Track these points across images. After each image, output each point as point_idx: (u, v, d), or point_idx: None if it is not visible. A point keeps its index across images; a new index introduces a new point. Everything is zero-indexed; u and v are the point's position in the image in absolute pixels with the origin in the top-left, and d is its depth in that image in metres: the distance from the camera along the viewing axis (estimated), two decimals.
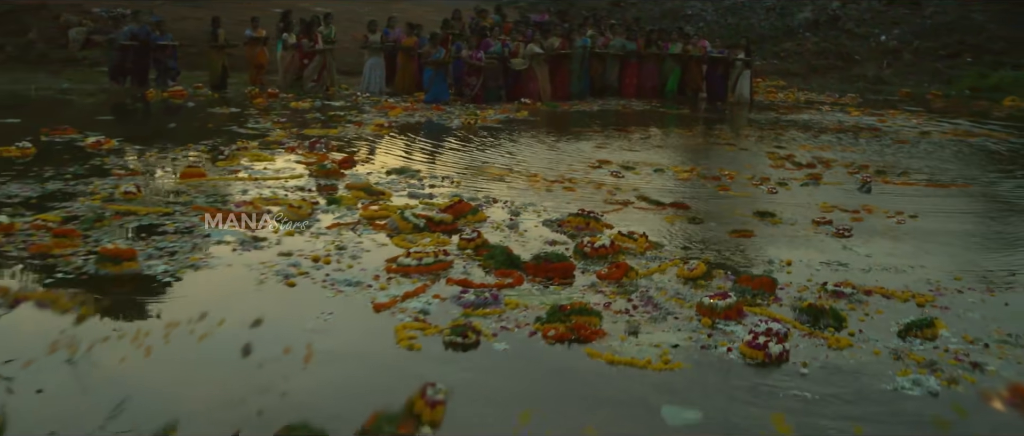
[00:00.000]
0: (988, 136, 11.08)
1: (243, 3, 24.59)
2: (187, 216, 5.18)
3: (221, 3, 24.32)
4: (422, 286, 3.96)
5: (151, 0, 22.10)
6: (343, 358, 3.19)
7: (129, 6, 20.42)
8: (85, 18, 18.51)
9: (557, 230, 5.15)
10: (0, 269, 4.07)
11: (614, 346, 3.37)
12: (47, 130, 8.26)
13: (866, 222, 5.76)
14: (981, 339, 3.64)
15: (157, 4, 22.03)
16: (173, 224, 4.97)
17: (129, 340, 3.23)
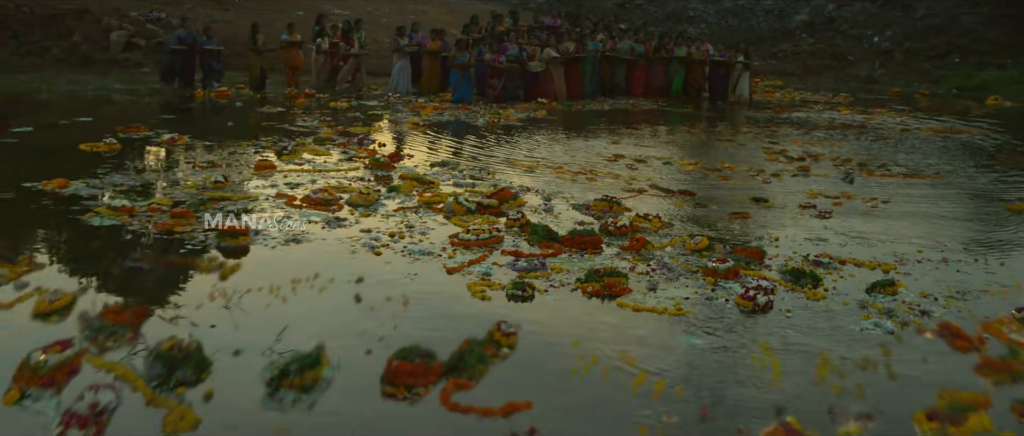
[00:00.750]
0: (973, 133, 11.92)
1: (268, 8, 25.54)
2: (273, 201, 6.08)
3: (249, 8, 25.27)
4: (482, 256, 4.85)
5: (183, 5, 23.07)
6: (433, 305, 4.09)
7: (164, 10, 21.38)
8: (125, 22, 19.41)
9: (585, 213, 6.05)
10: (140, 242, 4.97)
11: (638, 298, 4.26)
12: (122, 128, 9.16)
13: (845, 206, 6.66)
14: (932, 295, 4.51)
15: (188, 8, 22.97)
16: (264, 207, 5.88)
17: (266, 292, 4.13)
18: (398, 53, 14.30)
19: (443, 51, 14.03)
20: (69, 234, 5.17)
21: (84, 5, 19.83)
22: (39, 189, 6.22)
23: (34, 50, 17.48)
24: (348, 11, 28.16)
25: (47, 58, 17.28)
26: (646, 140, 10.40)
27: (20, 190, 6.20)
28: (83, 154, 7.82)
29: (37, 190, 6.20)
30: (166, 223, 5.30)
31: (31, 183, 6.37)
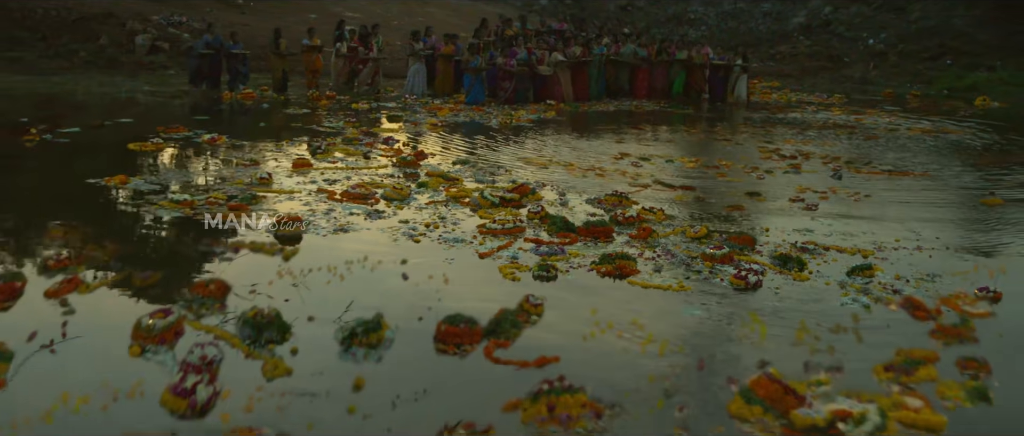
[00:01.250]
0: (963, 133, 12.52)
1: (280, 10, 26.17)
2: (314, 196, 6.71)
3: (262, 10, 25.92)
4: (508, 242, 5.48)
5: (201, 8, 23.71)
6: (469, 282, 4.71)
7: (185, 14, 22.03)
8: (148, 26, 20.05)
9: (597, 206, 6.67)
10: (204, 231, 5.60)
11: (645, 278, 4.89)
12: (163, 129, 9.79)
13: (831, 200, 7.28)
14: (905, 277, 5.12)
15: (206, 11, 23.61)
16: (307, 201, 6.51)
17: (325, 272, 4.75)
18: (413, 57, 14.92)
19: (456, 55, 14.64)
20: (143, 223, 5.79)
21: (108, 9, 20.50)
22: (103, 185, 6.85)
23: (62, 53, 18.11)
24: (359, 14, 28.83)
25: (75, 61, 17.90)
26: (649, 139, 11.03)
27: (87, 186, 6.83)
28: (133, 152, 8.45)
29: (101, 186, 6.83)
30: (226, 214, 5.93)
31: (94, 179, 7.00)
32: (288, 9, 26.91)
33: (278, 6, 26.78)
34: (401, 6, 30.90)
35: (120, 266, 4.70)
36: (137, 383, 3.27)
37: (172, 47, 19.12)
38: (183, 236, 5.48)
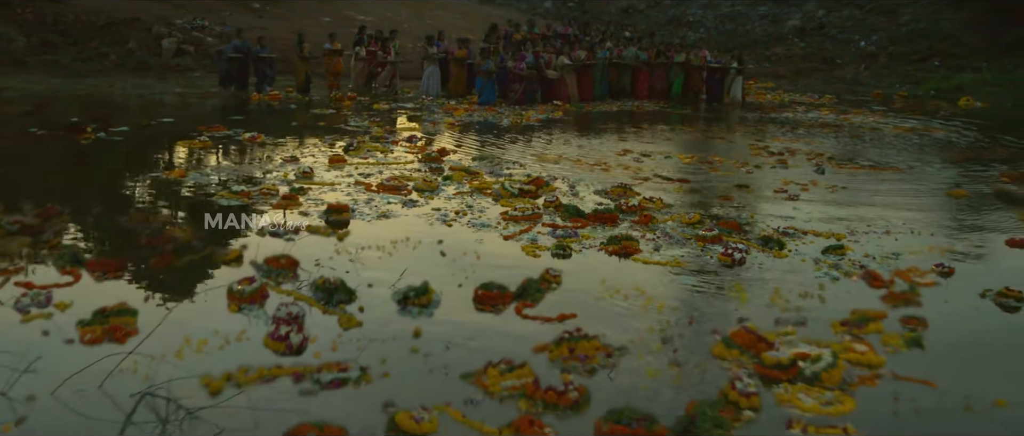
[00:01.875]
0: (948, 131, 13.27)
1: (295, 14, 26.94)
2: (353, 188, 7.50)
3: (278, 14, 26.69)
4: (528, 227, 6.27)
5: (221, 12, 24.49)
6: (497, 259, 5.50)
7: (206, 18, 22.82)
8: (173, 30, 20.85)
9: (604, 196, 7.45)
10: (263, 218, 6.39)
11: (646, 255, 5.67)
12: (204, 128, 10.58)
13: (811, 191, 8.06)
14: (872, 256, 5.89)
15: (225, 15, 24.41)
16: (348, 192, 7.30)
17: (375, 250, 5.54)
18: (428, 60, 15.70)
19: (468, 58, 15.42)
20: (209, 210, 6.59)
21: (135, 14, 21.28)
22: (164, 178, 7.65)
23: (94, 56, 18.89)
24: (371, 17, 29.62)
25: (106, 63, 18.66)
26: (649, 137, 11.82)
27: (155, 179, 7.63)
28: (183, 149, 9.25)
29: (163, 179, 7.63)
30: (280, 204, 6.73)
31: (154, 173, 7.79)
32: (303, 12, 27.70)
33: (293, 9, 27.58)
34: (410, 10, 31.67)
35: (201, 245, 5.50)
36: (242, 331, 4.07)
37: (197, 50, 19.93)
38: (246, 221, 6.26)
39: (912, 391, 3.65)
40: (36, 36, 18.90)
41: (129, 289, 4.66)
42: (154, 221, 6.06)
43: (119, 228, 5.97)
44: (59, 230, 5.69)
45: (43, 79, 16.03)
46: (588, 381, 3.63)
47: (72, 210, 6.36)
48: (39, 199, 6.35)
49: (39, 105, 12.20)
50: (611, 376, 3.72)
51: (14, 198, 6.40)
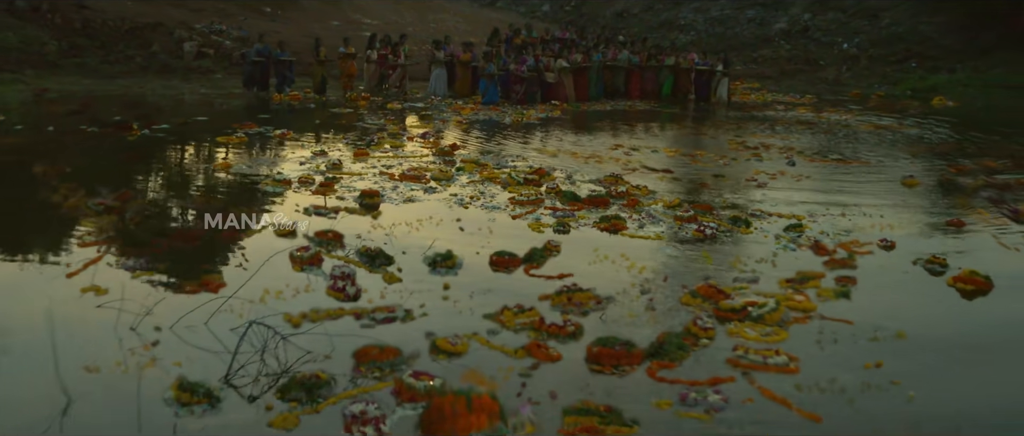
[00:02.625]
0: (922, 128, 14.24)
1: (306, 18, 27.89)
2: (379, 177, 8.47)
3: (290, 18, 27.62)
4: (532, 209, 7.25)
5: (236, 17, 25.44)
6: (508, 233, 6.47)
7: (224, 23, 23.77)
8: (193, 33, 21.80)
9: (597, 184, 8.43)
10: (305, 203, 7.36)
11: (633, 231, 6.66)
12: (237, 125, 11.53)
13: (779, 180, 9.05)
14: (826, 233, 6.87)
15: (241, 19, 25.36)
16: (375, 180, 8.27)
17: (404, 226, 6.52)
18: (435, 63, 16.67)
19: (473, 61, 16.39)
20: (257, 195, 7.56)
21: (157, 19, 22.23)
22: (213, 169, 8.62)
23: (120, 59, 19.80)
24: (377, 20, 30.57)
25: (131, 66, 19.57)
26: (640, 134, 12.79)
27: (205, 169, 8.60)
28: (222, 144, 10.22)
29: (213, 169, 8.60)
30: (319, 189, 7.70)
31: (204, 164, 8.76)
32: (313, 16, 28.66)
33: (304, 13, 28.54)
34: (415, 13, 32.62)
35: (260, 222, 6.48)
36: (307, 285, 5.05)
37: (216, 53, 20.88)
38: (290, 205, 7.24)
39: (834, 327, 4.63)
40: (66, 40, 19.80)
41: (209, 255, 5.64)
42: (215, 202, 7.04)
43: (186, 208, 6.95)
44: (139, 210, 6.67)
45: (76, 80, 16.95)
46: (582, 320, 4.61)
47: (143, 194, 7.34)
48: (112, 186, 7.31)
49: (83, 105, 13.14)
50: (602, 317, 4.70)
51: (91, 185, 7.36)
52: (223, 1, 26.70)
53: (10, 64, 17.45)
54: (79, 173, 8.21)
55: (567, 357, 4.12)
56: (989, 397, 3.91)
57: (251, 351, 3.89)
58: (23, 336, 4.19)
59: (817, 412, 3.58)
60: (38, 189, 7.55)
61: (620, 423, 3.43)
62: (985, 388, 4.02)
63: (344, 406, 3.40)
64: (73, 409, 3.40)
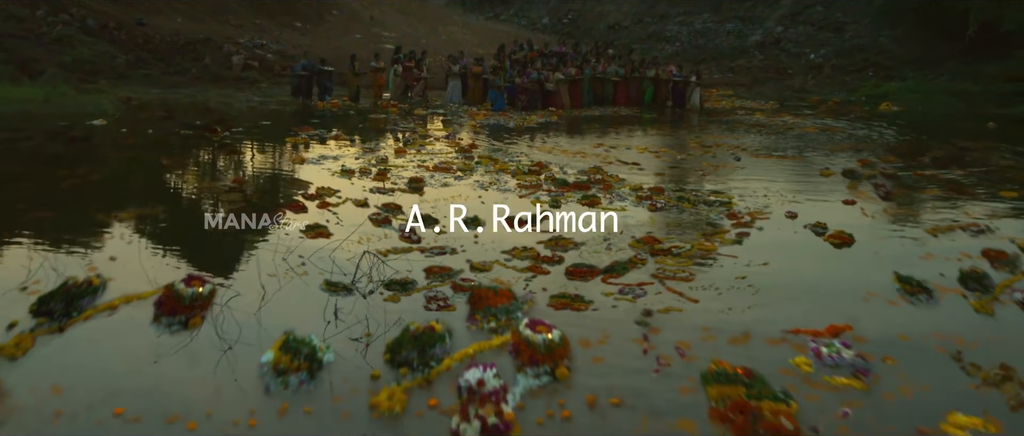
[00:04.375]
0: (870, 130, 16.65)
1: (332, 32, 30.30)
2: (418, 169, 10.90)
3: (319, 33, 30.04)
4: (534, 190, 9.70)
5: (272, 32, 27.89)
6: (515, 207, 8.90)
7: (264, 37, 26.21)
8: (239, 47, 24.25)
9: (581, 173, 10.86)
10: (369, 186, 9.79)
11: (605, 206, 9.10)
12: (296, 128, 13.97)
13: (722, 171, 11.48)
14: (750, 208, 9.28)
15: (277, 34, 27.82)
16: (417, 171, 10.70)
17: (444, 201, 8.97)
18: (451, 75, 19.10)
19: (483, 73, 18.82)
20: (333, 179, 10.00)
21: (207, 35, 24.69)
22: (292, 161, 11.06)
23: (178, 70, 22.23)
24: (394, 33, 33.01)
25: (188, 76, 21.99)
26: (621, 135, 15.22)
27: (292, 166, 11.05)
28: (291, 144, 12.66)
29: (292, 161, 11.04)
30: (377, 177, 10.15)
31: (285, 159, 11.20)
32: (339, 30, 31.12)
33: (331, 28, 30.99)
34: (427, 27, 35.07)
35: (341, 199, 8.93)
36: (385, 234, 7.51)
37: (260, 65, 23.33)
38: (358, 187, 9.68)
39: (725, 261, 7.08)
40: (131, 54, 22.23)
41: (314, 217, 8.10)
42: (304, 185, 9.50)
43: (287, 188, 9.42)
44: (254, 189, 9.14)
45: (145, 90, 19.36)
46: (564, 254, 7.06)
47: (252, 180, 9.80)
48: (224, 174, 9.76)
49: (168, 111, 15.59)
50: (578, 255, 7.14)
51: (210, 173, 9.81)
52: (260, 17, 29.21)
53: (87, 76, 19.89)
54: (198, 165, 10.67)
55: (553, 272, 6.58)
56: (806, 313, 6.36)
57: (363, 271, 6.35)
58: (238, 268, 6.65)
59: (696, 297, 6.04)
60: (171, 177, 10.02)
61: (582, 302, 5.89)
62: (805, 307, 6.47)
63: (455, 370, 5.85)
64: (275, 295, 5.86)
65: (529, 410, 4.33)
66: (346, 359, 4.84)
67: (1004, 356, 5.17)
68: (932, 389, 4.72)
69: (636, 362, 4.97)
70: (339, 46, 27.41)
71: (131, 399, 4.26)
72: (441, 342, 4.98)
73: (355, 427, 4.10)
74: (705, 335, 5.37)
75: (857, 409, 4.45)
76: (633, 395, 4.53)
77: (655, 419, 4.29)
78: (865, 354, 5.09)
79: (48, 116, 14.40)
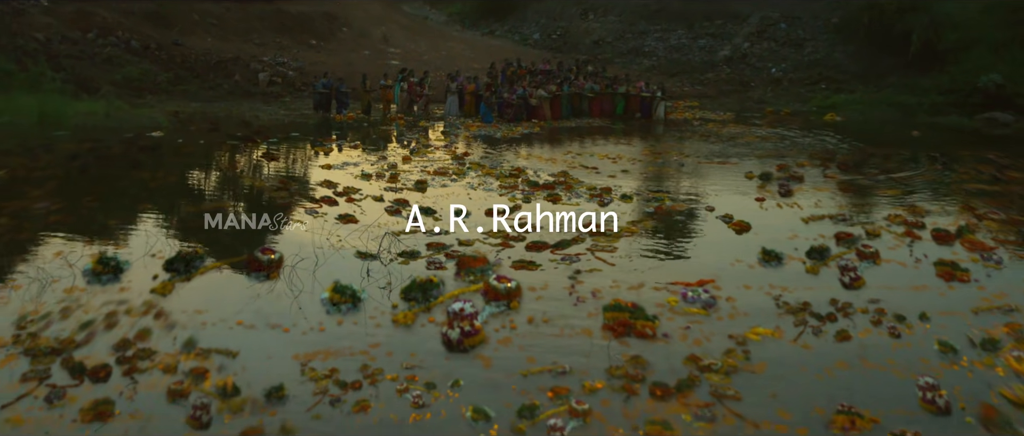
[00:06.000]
0: (815, 138, 19.04)
1: (343, 48, 32.70)
2: (422, 172, 13.33)
3: (330, 49, 32.43)
4: (512, 190, 12.14)
5: (291, 50, 30.31)
6: (497, 201, 11.34)
7: (285, 56, 28.64)
8: (265, 65, 26.66)
9: (549, 175, 13.30)
10: (384, 185, 12.23)
11: (565, 202, 11.54)
12: (322, 138, 16.39)
13: (663, 172, 13.92)
14: (679, 201, 11.72)
15: (295, 52, 30.25)
16: (421, 175, 13.14)
17: (444, 197, 11.41)
18: (450, 91, 21.52)
19: (477, 90, 21.24)
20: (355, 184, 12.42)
21: (235, 54, 27.13)
22: (321, 166, 13.50)
23: (211, 86, 24.60)
24: (399, 49, 35.40)
25: (221, 91, 24.34)
26: (589, 144, 17.66)
27: (322, 169, 13.50)
28: (318, 151, 15.12)
29: (322, 166, 13.48)
30: (389, 181, 12.58)
31: (317, 163, 13.66)
32: (350, 47, 33.52)
33: (342, 45, 33.40)
34: (429, 43, 37.45)
35: (363, 196, 11.36)
36: (397, 221, 9.96)
37: (283, 81, 25.75)
38: (376, 186, 12.11)
39: (644, 240, 9.52)
40: (171, 71, 24.63)
41: (344, 209, 10.51)
42: (335, 184, 11.94)
43: (321, 187, 11.87)
44: (297, 189, 11.61)
45: (186, 104, 21.74)
46: (529, 232, 9.50)
47: (293, 180, 12.27)
48: (272, 176, 12.18)
49: (213, 123, 18.03)
50: (537, 231, 9.58)
51: (259, 176, 12.24)
52: (280, 37, 31.64)
53: (136, 92, 22.31)
54: (253, 168, 13.13)
55: (517, 247, 9.03)
56: (688, 273, 8.79)
57: (383, 246, 8.79)
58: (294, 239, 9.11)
59: (614, 262, 8.49)
60: (231, 179, 12.46)
61: (534, 265, 8.34)
62: (689, 269, 8.90)
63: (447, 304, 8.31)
64: (324, 260, 8.30)
65: (491, 324, 6.78)
66: (375, 298, 7.28)
67: (809, 297, 7.62)
68: (751, 315, 7.17)
69: (564, 300, 7.42)
70: (349, 62, 29.83)
71: (245, 316, 6.71)
72: (437, 287, 7.43)
73: (383, 332, 6.55)
74: (613, 285, 7.82)
75: (697, 324, 6.90)
76: (558, 317, 6.98)
77: (569, 329, 6.74)
78: (716, 296, 7.53)
79: (114, 128, 16.81)
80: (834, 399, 5.59)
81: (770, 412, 5.41)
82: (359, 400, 5.42)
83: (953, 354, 6.45)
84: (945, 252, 9.28)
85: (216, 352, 5.97)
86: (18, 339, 6.05)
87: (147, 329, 6.35)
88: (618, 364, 6.06)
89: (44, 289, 7.11)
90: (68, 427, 4.93)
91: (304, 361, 5.91)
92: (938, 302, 7.62)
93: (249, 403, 5.25)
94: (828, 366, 6.19)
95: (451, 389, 5.60)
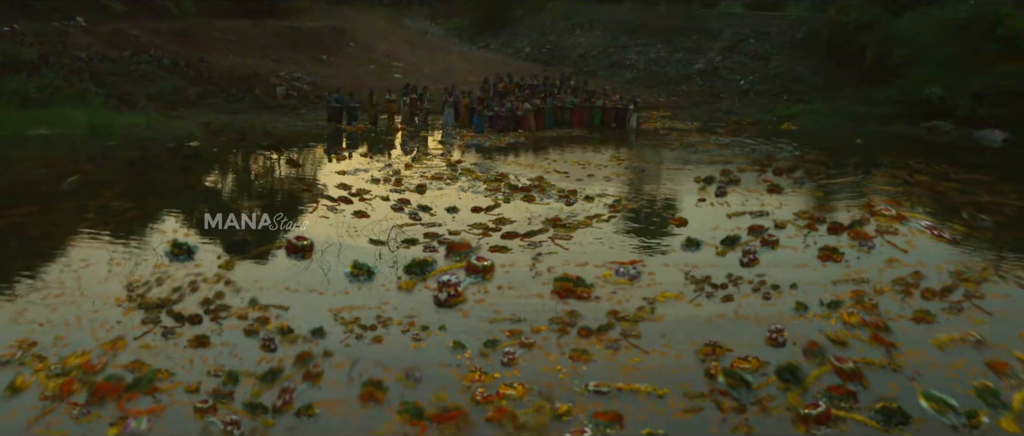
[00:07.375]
0: (771, 145, 21.25)
1: (351, 63, 34.89)
2: (422, 177, 15.54)
3: (338, 63, 34.60)
4: (495, 192, 14.37)
5: (304, 65, 32.52)
6: (482, 201, 13.56)
7: (299, 70, 30.85)
8: (282, 80, 28.83)
9: (528, 179, 15.52)
10: (389, 187, 14.45)
11: (539, 202, 13.76)
12: (337, 147, 18.60)
13: (624, 178, 16.15)
14: (633, 201, 13.93)
15: (308, 66, 32.46)
16: (422, 179, 15.35)
17: (442, 198, 13.64)
18: (446, 104, 23.73)
19: (470, 103, 23.46)
20: (368, 183, 14.63)
21: (254, 69, 29.33)
22: (339, 171, 15.73)
23: (234, 99, 26.66)
24: (401, 62, 37.61)
25: (243, 104, 26.36)
26: (565, 151, 19.88)
27: (338, 174, 15.74)
28: (334, 159, 17.35)
29: (338, 171, 15.71)
30: (394, 184, 14.81)
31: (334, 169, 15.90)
32: (356, 61, 35.72)
33: (350, 59, 35.61)
34: (429, 56, 39.65)
35: (372, 196, 13.59)
36: (400, 217, 12.20)
37: (298, 94, 27.92)
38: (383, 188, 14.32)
39: (597, 230, 11.75)
40: (199, 86, 26.76)
41: (357, 207, 12.72)
42: (349, 187, 14.16)
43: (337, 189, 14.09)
44: (322, 189, 13.84)
45: (214, 116, 23.86)
46: (504, 225, 11.73)
47: (315, 183, 14.51)
48: (300, 179, 14.40)
49: (241, 134, 20.24)
50: (511, 228, 11.80)
51: (286, 179, 14.47)
52: (293, 52, 33.82)
53: (169, 105, 24.47)
54: (285, 174, 15.37)
55: (494, 236, 11.25)
56: (624, 255, 11.01)
57: (391, 235, 11.02)
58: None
59: (568, 247, 10.72)
60: (263, 182, 14.69)
61: (506, 249, 10.57)
62: (626, 253, 11.13)
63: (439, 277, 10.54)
64: (344, 247, 10.53)
65: (470, 290, 9.02)
66: (384, 273, 9.52)
67: (711, 272, 9.85)
68: (664, 284, 9.41)
69: (525, 275, 9.65)
70: (357, 76, 32.04)
71: (290, 283, 8.95)
72: (431, 265, 9.69)
73: (391, 295, 8.78)
74: (564, 264, 10.05)
75: (622, 290, 9.14)
76: (519, 285, 9.23)
77: (525, 293, 8.98)
78: (640, 271, 9.77)
79: (155, 138, 19.00)
80: (707, 337, 7.82)
81: (658, 344, 7.64)
82: (375, 336, 7.66)
83: (804, 310, 8.68)
84: (833, 240, 11.48)
85: (273, 306, 8.20)
86: (131, 297, 8.29)
87: (221, 292, 8.59)
88: (558, 315, 8.29)
89: (138, 265, 9.35)
90: (182, 351, 7.16)
91: (335, 312, 8.15)
92: (810, 276, 9.85)
93: (300, 338, 7.48)
94: (710, 318, 8.42)
95: (439, 331, 7.84)
